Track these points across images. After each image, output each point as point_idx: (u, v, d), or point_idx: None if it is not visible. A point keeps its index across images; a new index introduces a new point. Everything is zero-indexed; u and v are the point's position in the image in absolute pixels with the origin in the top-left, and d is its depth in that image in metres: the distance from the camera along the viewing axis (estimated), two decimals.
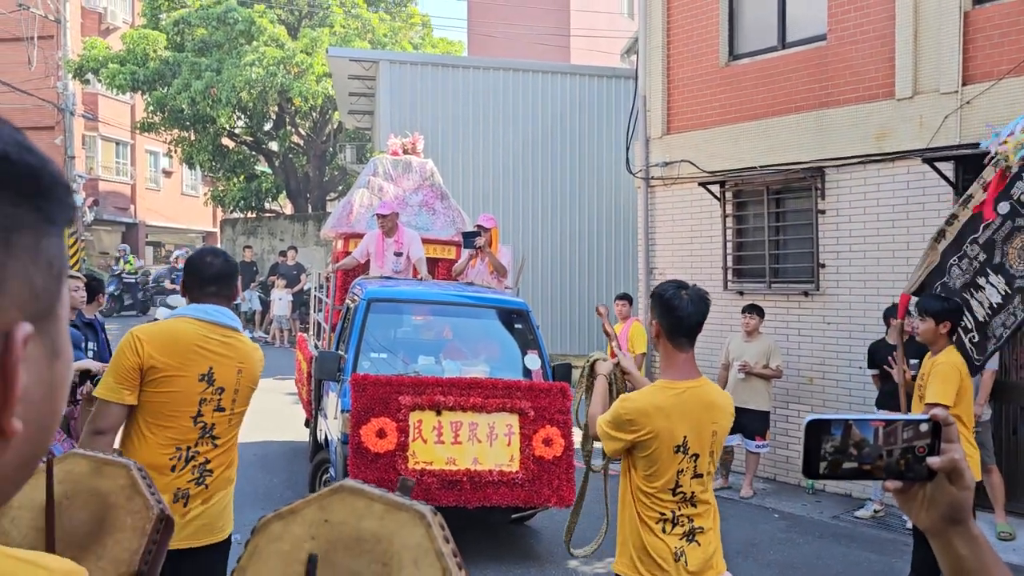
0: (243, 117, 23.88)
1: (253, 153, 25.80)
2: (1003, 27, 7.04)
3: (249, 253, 19.57)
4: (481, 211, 10.65)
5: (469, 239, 7.87)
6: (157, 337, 3.05)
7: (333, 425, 6.12)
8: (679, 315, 3.00)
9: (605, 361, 3.49)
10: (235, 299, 3.31)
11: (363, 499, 1.31)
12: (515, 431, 5.78)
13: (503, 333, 6.93)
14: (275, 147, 25.27)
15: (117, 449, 2.97)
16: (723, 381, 8.03)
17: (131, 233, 32.23)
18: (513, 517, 6.35)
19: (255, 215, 25.76)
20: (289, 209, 27.28)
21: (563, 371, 6.28)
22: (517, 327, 6.76)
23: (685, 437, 2.95)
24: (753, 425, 7.88)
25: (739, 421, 7.59)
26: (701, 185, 9.27)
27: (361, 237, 8.35)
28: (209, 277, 3.17)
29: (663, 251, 9.89)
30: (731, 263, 9.20)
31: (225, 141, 24.87)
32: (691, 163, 9.38)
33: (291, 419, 9.83)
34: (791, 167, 8.48)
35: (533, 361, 6.36)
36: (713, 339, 8.75)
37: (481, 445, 5.70)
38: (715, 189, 9.22)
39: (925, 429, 1.02)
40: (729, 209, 9.19)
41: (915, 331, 4.95)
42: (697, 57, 9.50)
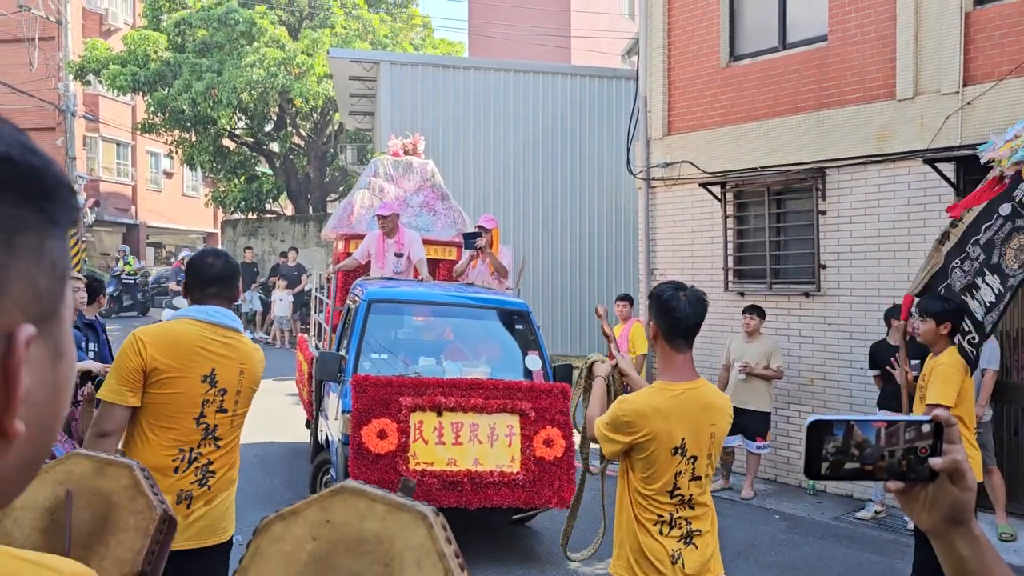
0: (244, 118, 23.89)
1: (254, 154, 25.81)
2: (1004, 28, 7.04)
3: (250, 254, 19.57)
4: (482, 212, 10.65)
5: (470, 240, 7.87)
6: (160, 339, 3.05)
7: (334, 426, 6.12)
8: (676, 316, 2.98)
9: (603, 363, 3.46)
10: (236, 300, 3.31)
11: (365, 500, 1.31)
12: (516, 432, 5.78)
13: (504, 334, 6.93)
14: (276, 148, 25.28)
15: (120, 450, 2.97)
16: (724, 382, 8.04)
17: (132, 234, 32.26)
18: (514, 518, 6.35)
19: (256, 216, 25.76)
20: (290, 210, 27.30)
21: (564, 372, 6.26)
22: (518, 328, 6.76)
23: (683, 439, 2.94)
24: (754, 426, 7.88)
25: (740, 422, 7.62)
26: (702, 186, 9.27)
27: (362, 238, 8.35)
28: (210, 278, 3.17)
29: (664, 252, 9.89)
30: (732, 264, 9.19)
31: (226, 142, 24.89)
32: (692, 164, 9.38)
33: (292, 420, 9.83)
34: (792, 168, 8.48)
35: (534, 362, 6.36)
36: (714, 340, 8.75)
37: (482, 446, 5.70)
38: (716, 190, 9.22)
39: (927, 430, 1.01)
40: (730, 210, 9.19)
41: (916, 332, 4.95)
42: (698, 58, 9.50)
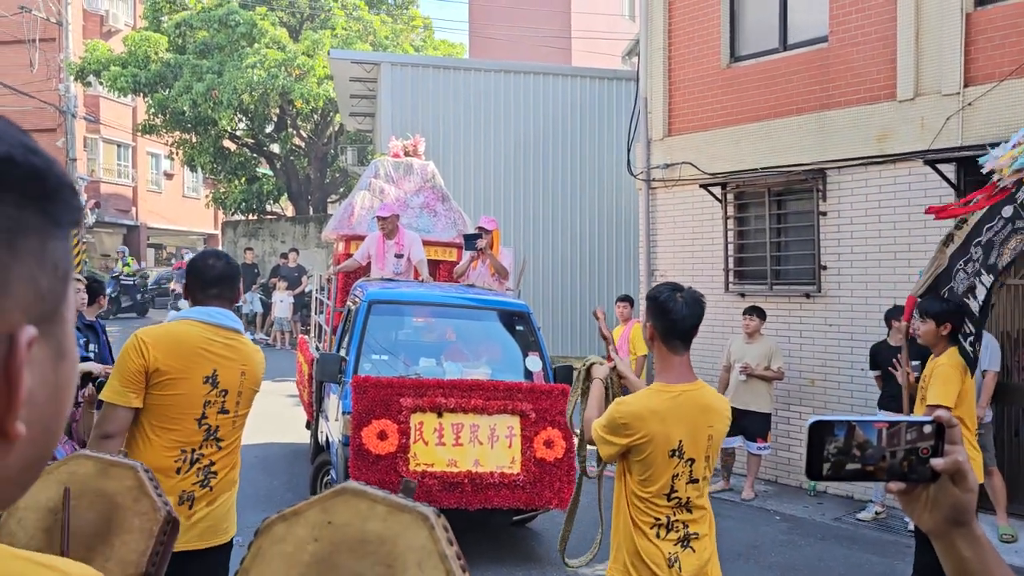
0: (244, 119, 23.90)
1: (254, 155, 25.82)
2: (1004, 29, 7.04)
3: (250, 255, 19.57)
4: (482, 213, 10.66)
5: (470, 241, 7.87)
6: (162, 340, 3.05)
7: (334, 427, 6.12)
8: (673, 318, 2.97)
9: (601, 365, 3.45)
10: (237, 301, 3.31)
11: (366, 501, 1.31)
12: (516, 433, 5.77)
13: (504, 335, 6.93)
14: (276, 149, 25.30)
15: (123, 451, 2.97)
16: (724, 383, 8.04)
17: (132, 235, 32.28)
18: (514, 519, 6.35)
19: (256, 217, 25.77)
20: (290, 211, 27.30)
21: (564, 373, 6.26)
22: (518, 329, 6.75)
23: (680, 441, 2.92)
24: (754, 427, 7.88)
25: (741, 423, 7.64)
26: (702, 187, 9.27)
27: (362, 239, 8.35)
28: (211, 279, 3.17)
29: (664, 253, 9.88)
30: (732, 265, 9.19)
31: (226, 143, 24.90)
32: (692, 165, 9.38)
33: (292, 421, 9.83)
34: (792, 169, 8.48)
35: (534, 363, 6.35)
36: (714, 341, 8.75)
37: (482, 447, 5.70)
38: (716, 191, 9.22)
39: (929, 431, 1.01)
40: (730, 211, 9.19)
41: (916, 333, 4.95)
42: (698, 59, 9.50)
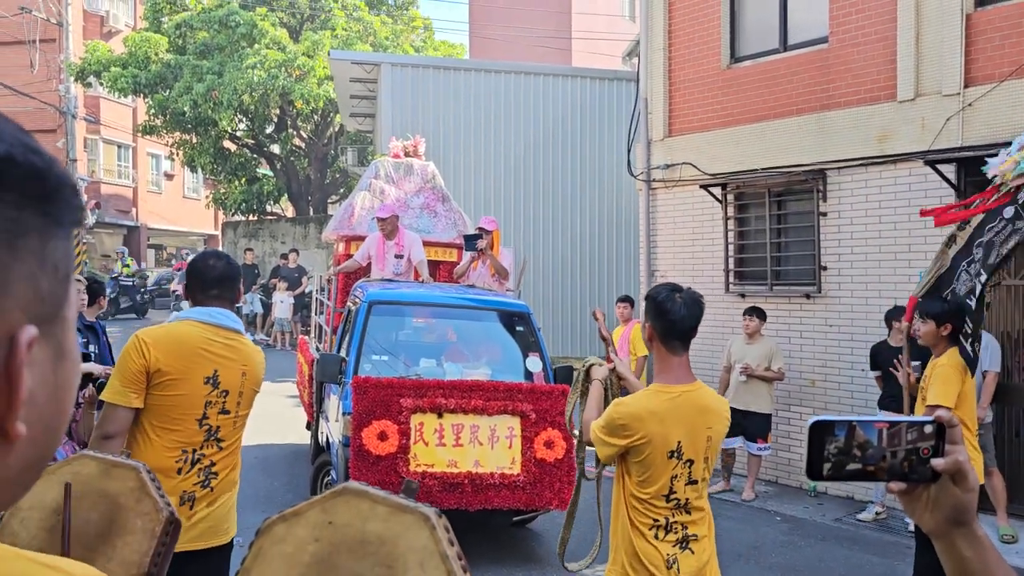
0: (245, 120, 23.91)
1: (255, 156, 25.83)
2: (1004, 29, 7.05)
3: (250, 256, 19.57)
4: (482, 213, 10.66)
5: (470, 242, 7.87)
6: (162, 340, 3.05)
7: (334, 428, 6.12)
8: (672, 318, 2.96)
9: (601, 366, 3.44)
10: (237, 302, 3.31)
11: (367, 501, 1.30)
12: (516, 433, 5.77)
13: (504, 335, 6.93)
14: (277, 150, 25.31)
15: (125, 451, 2.97)
16: (725, 383, 8.04)
17: (133, 236, 32.28)
18: (514, 520, 6.35)
19: (256, 218, 25.78)
20: (290, 212, 27.31)
21: (564, 373, 6.25)
22: (518, 329, 6.75)
23: (679, 442, 2.91)
24: (755, 428, 7.88)
25: (741, 423, 7.64)
26: (703, 187, 9.27)
27: (363, 240, 8.35)
28: (212, 280, 3.17)
29: (664, 253, 9.88)
30: (733, 265, 9.19)
31: (227, 144, 24.91)
32: (692, 165, 9.38)
33: (292, 422, 9.83)
34: (792, 169, 8.48)
35: (535, 363, 6.35)
36: (715, 341, 8.75)
37: (482, 448, 5.70)
38: (716, 191, 9.22)
39: (929, 431, 1.01)
40: (731, 211, 9.19)
41: (916, 333, 4.95)
42: (698, 59, 9.50)
